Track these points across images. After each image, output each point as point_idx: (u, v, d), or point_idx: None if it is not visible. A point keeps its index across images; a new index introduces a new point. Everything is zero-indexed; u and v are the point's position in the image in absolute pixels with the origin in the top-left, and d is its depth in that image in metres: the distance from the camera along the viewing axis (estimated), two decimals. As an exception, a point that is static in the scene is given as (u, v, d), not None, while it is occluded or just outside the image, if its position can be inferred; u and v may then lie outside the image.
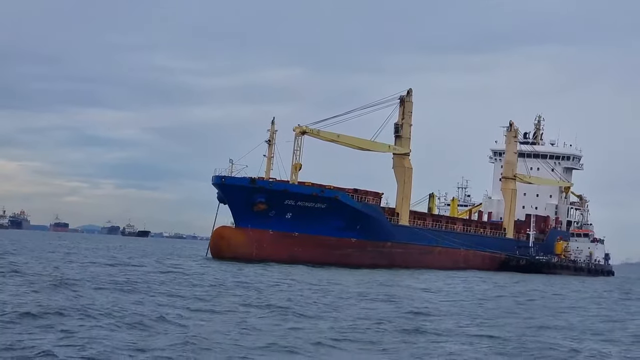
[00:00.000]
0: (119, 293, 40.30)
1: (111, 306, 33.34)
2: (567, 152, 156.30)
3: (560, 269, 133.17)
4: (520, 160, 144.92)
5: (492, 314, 42.75)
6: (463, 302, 49.90)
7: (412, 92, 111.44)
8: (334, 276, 70.48)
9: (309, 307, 38.88)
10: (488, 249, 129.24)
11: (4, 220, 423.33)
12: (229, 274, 63.70)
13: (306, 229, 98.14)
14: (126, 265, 70.06)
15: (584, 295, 69.81)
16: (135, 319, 29.90)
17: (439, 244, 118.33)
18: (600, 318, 45.45)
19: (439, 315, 39.79)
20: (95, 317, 30.05)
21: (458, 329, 34.06)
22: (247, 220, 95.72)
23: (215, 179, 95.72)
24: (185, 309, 35.13)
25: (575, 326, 39.01)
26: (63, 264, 64.85)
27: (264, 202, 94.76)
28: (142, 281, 49.54)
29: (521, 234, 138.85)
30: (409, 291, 57.89)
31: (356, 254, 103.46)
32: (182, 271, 63.79)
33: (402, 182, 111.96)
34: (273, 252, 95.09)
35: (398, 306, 43.14)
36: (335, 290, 52.47)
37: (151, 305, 35.48)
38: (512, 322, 38.61)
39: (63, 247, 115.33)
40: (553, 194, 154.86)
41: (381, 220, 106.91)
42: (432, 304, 46.22)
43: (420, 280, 76.95)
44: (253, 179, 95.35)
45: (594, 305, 56.49)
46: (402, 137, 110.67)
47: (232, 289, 48.24)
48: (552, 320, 41.54)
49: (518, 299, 56.89)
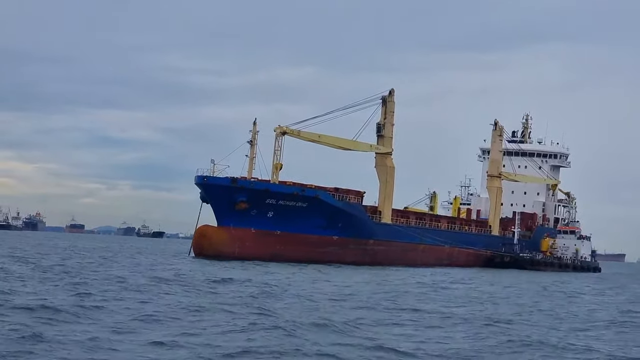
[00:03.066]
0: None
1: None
2: (553, 150, 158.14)
3: (545, 265, 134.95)
4: (508, 158, 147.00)
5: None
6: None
7: (394, 92, 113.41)
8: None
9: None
10: (473, 247, 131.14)
11: (18, 221, 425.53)
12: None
13: (288, 228, 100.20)
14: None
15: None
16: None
17: (422, 241, 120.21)
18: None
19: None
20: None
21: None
22: (229, 219, 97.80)
23: (197, 178, 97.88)
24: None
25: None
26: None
27: (245, 201, 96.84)
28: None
29: (507, 231, 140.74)
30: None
31: (338, 251, 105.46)
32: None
33: (384, 180, 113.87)
34: (255, 250, 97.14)
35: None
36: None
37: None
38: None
39: (46, 247, 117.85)
40: (540, 192, 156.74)
41: (363, 218, 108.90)
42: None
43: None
44: (234, 178, 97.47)
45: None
46: (384, 137, 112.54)
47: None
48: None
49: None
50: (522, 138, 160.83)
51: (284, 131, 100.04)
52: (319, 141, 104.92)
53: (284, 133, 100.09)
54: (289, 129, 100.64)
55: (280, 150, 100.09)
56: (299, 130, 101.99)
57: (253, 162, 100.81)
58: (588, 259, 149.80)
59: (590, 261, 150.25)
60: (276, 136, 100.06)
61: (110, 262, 75.69)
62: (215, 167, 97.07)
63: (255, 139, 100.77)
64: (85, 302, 35.00)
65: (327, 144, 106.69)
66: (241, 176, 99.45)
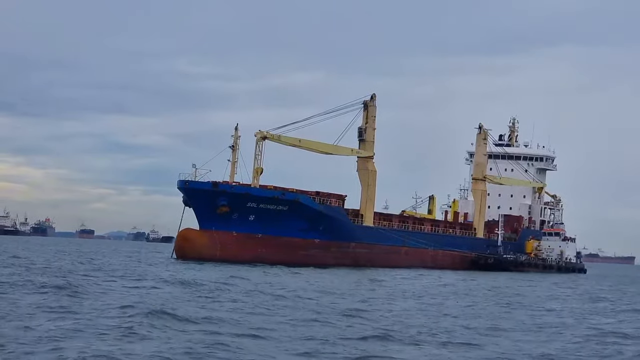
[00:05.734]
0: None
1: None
2: (539, 154, 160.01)
3: (529, 267, 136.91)
4: (494, 161, 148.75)
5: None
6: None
7: (376, 97, 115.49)
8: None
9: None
10: (457, 249, 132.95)
11: (26, 227, 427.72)
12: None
13: (269, 231, 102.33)
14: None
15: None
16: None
17: (405, 244, 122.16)
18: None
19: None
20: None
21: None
22: (210, 223, 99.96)
23: (179, 183, 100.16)
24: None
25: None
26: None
27: (226, 204, 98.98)
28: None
29: (493, 233, 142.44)
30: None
31: (320, 254, 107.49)
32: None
33: (366, 184, 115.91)
34: (238, 252, 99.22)
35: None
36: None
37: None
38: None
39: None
40: (527, 195, 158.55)
41: (344, 221, 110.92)
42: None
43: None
44: (215, 182, 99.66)
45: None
46: (365, 141, 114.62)
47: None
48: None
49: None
50: (509, 141, 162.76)
51: (264, 136, 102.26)
52: (299, 145, 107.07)
53: (265, 138, 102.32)
54: (269, 134, 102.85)
55: (261, 155, 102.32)
56: (279, 135, 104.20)
57: (235, 167, 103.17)
58: (573, 260, 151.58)
59: (575, 262, 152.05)
60: (257, 141, 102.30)
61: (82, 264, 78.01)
62: (197, 171, 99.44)
63: (237, 144, 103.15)
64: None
65: (307, 148, 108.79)
66: (223, 180, 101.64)
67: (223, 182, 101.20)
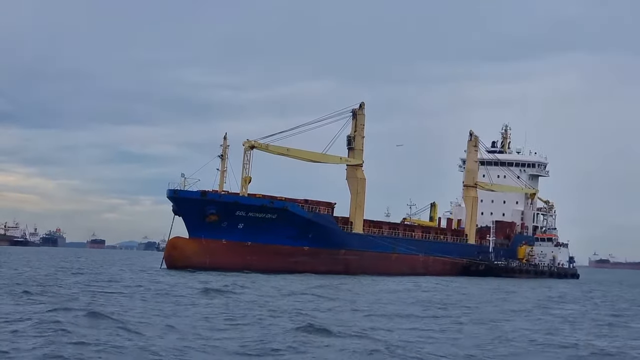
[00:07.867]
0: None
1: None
2: (531, 160, 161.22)
3: (520, 272, 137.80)
4: (486, 168, 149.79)
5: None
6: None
7: (364, 105, 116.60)
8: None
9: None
10: (449, 255, 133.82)
11: (36, 237, 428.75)
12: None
13: (258, 239, 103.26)
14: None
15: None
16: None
17: (395, 250, 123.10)
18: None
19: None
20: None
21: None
22: (200, 231, 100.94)
23: (168, 192, 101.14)
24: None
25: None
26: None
27: (215, 213, 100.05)
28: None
29: (485, 240, 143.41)
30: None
31: (310, 261, 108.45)
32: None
33: (355, 192, 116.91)
34: (227, 260, 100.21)
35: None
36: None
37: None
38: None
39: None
40: (519, 201, 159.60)
41: (333, 228, 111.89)
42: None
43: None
44: (204, 191, 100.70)
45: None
46: (354, 149, 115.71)
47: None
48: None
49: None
50: (502, 148, 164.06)
51: (252, 145, 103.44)
52: (287, 154, 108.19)
53: (253, 147, 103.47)
54: (257, 143, 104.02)
55: (249, 164, 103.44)
56: (267, 144, 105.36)
57: (224, 176, 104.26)
58: (566, 266, 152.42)
59: (568, 267, 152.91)
60: (245, 150, 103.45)
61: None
62: (185, 181, 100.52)
63: (226, 153, 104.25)
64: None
65: (296, 157, 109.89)
66: (212, 189, 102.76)
67: (212, 191, 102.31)
